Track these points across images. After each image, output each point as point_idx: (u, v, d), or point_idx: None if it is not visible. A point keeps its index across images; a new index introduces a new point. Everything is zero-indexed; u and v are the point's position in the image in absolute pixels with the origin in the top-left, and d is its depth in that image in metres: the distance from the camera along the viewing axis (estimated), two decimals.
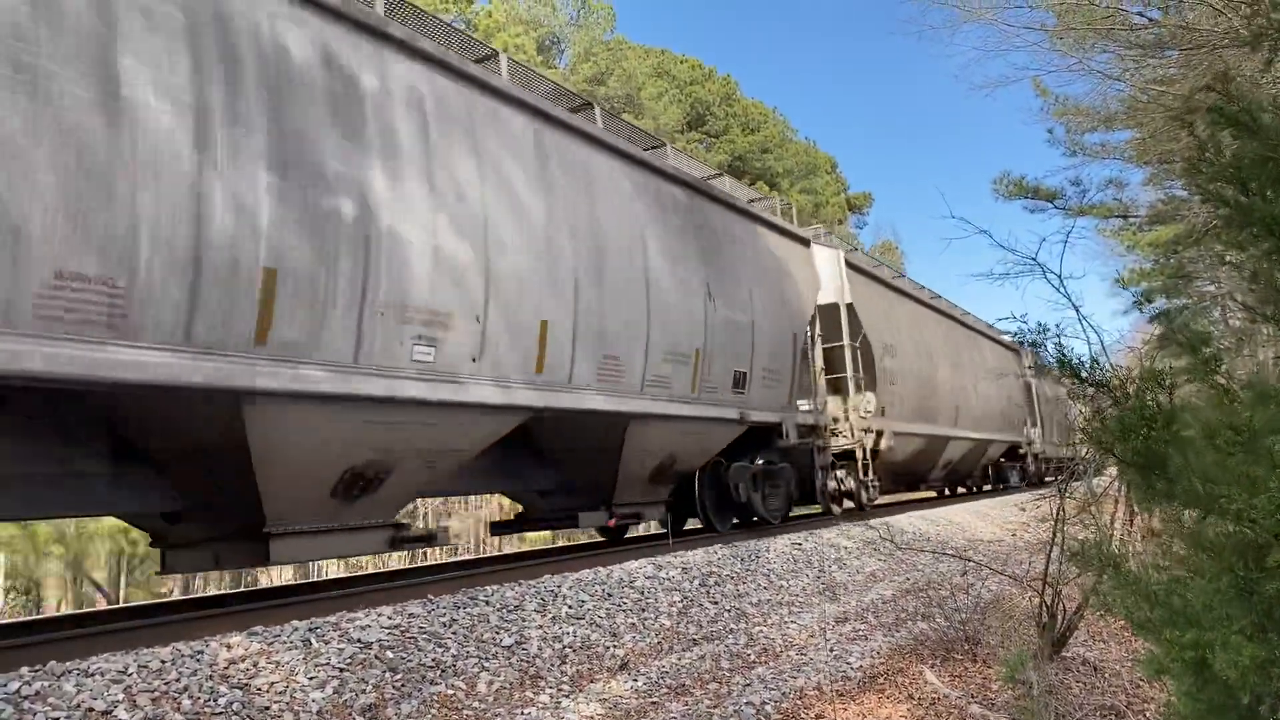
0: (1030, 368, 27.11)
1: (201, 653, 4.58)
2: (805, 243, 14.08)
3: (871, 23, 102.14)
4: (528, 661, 5.59)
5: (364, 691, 4.68)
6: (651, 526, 13.84)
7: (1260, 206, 2.69)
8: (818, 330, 13.79)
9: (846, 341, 14.84)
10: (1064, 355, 3.32)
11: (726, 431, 10.99)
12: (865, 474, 14.62)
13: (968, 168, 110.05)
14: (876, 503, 15.94)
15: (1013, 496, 21.20)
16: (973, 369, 21.73)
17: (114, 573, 27.01)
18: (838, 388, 14.81)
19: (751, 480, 11.71)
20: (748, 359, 11.26)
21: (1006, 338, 25.62)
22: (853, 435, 14.54)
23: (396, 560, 21.21)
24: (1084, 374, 2.98)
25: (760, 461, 12.13)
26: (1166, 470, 2.33)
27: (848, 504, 14.83)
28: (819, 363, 13.70)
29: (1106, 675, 6.72)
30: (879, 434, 15.09)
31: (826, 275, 14.68)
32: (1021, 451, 26.02)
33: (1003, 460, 25.44)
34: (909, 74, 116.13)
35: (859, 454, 14.50)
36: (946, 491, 24.00)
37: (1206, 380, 2.69)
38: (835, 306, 14.97)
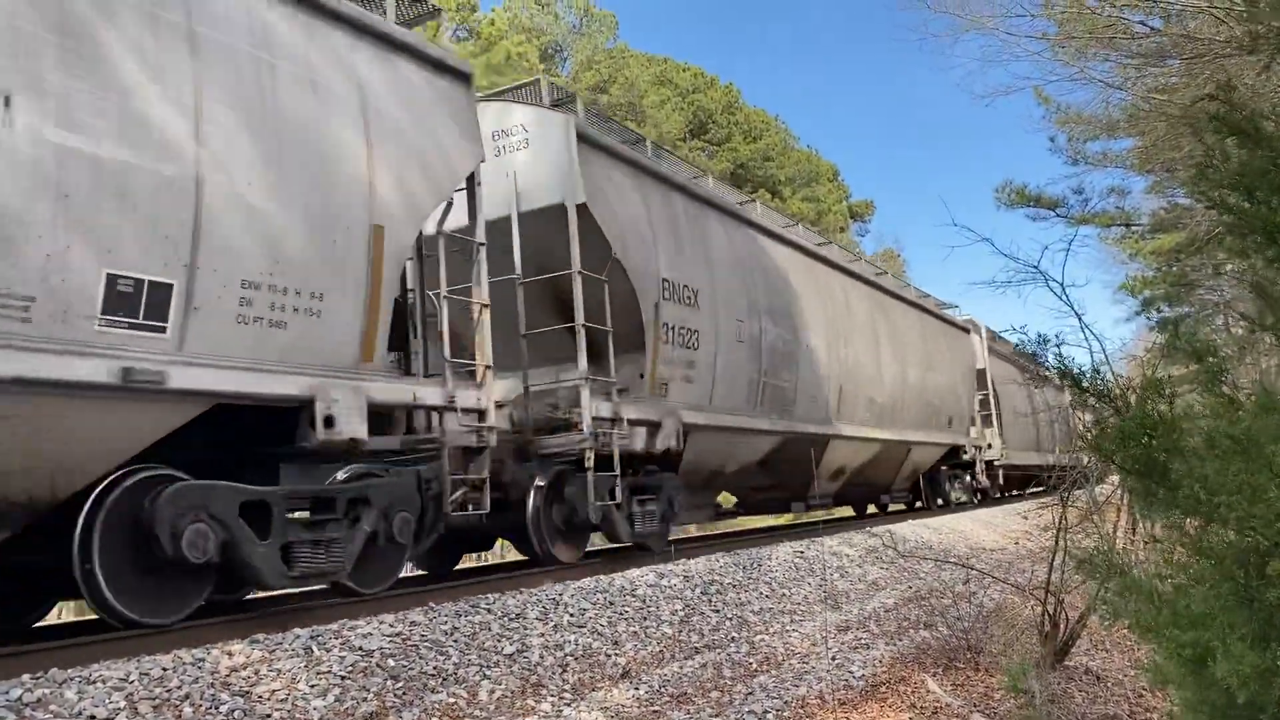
0: (1006, 355, 23.13)
1: (203, 660, 4.58)
2: (458, 76, 7.94)
3: (873, 31, 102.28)
4: (529, 669, 5.58)
5: (365, 699, 4.68)
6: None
7: (1264, 214, 2.71)
8: (479, 239, 7.93)
9: (576, 269, 9.00)
10: (1065, 363, 3.32)
11: (126, 419, 5.31)
12: (612, 495, 9.05)
13: (970, 176, 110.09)
14: (672, 536, 10.72)
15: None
16: (877, 343, 16.24)
17: None
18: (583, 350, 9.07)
19: (240, 515, 5.72)
20: (167, 249, 5.31)
21: (953, 314, 21.65)
22: (585, 429, 8.78)
23: None
24: (1085, 382, 2.98)
25: (341, 478, 6.57)
26: (1168, 478, 2.34)
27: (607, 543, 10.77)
28: (481, 296, 7.89)
29: (1109, 685, 6.71)
30: (653, 427, 9.69)
31: (537, 155, 9.30)
32: (967, 457, 20.61)
33: (943, 469, 20.02)
34: (911, 82, 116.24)
35: (589, 460, 8.77)
36: (871, 510, 19.01)
37: (1212, 389, 2.70)
38: (559, 210, 9.10)
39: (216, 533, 5.53)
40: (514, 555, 12.19)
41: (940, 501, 20.13)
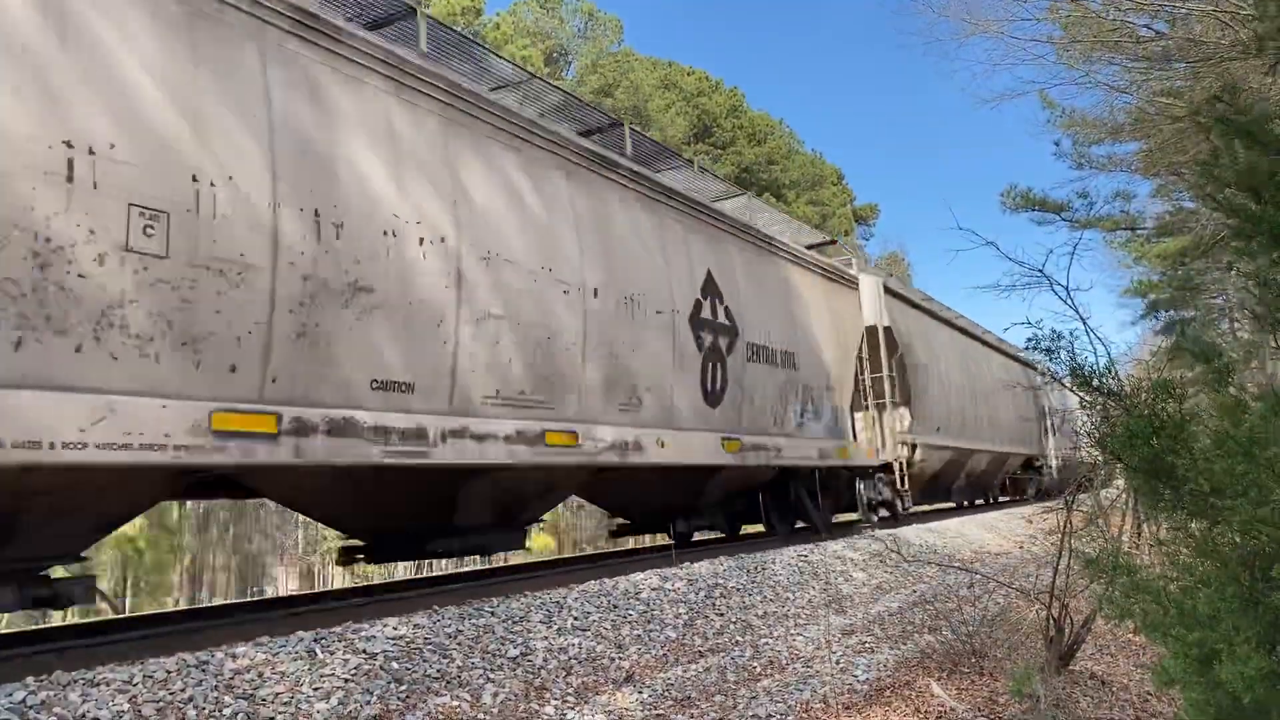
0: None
1: (207, 663, 4.58)
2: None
3: (879, 35, 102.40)
4: (533, 673, 5.58)
5: (369, 703, 4.67)
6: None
7: (1270, 216, 2.70)
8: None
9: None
10: (1078, 364, 3.32)
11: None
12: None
13: (975, 180, 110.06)
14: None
15: (1025, 509, 21.44)
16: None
17: (120, 583, 27.08)
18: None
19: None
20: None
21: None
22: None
23: (403, 571, 21.22)
24: (1095, 383, 2.98)
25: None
26: (1174, 477, 2.32)
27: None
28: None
29: (1114, 689, 6.68)
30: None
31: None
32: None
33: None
34: (917, 86, 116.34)
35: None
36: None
37: (1219, 391, 2.69)
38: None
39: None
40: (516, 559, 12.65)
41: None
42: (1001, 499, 26.11)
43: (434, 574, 13.81)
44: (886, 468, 14.96)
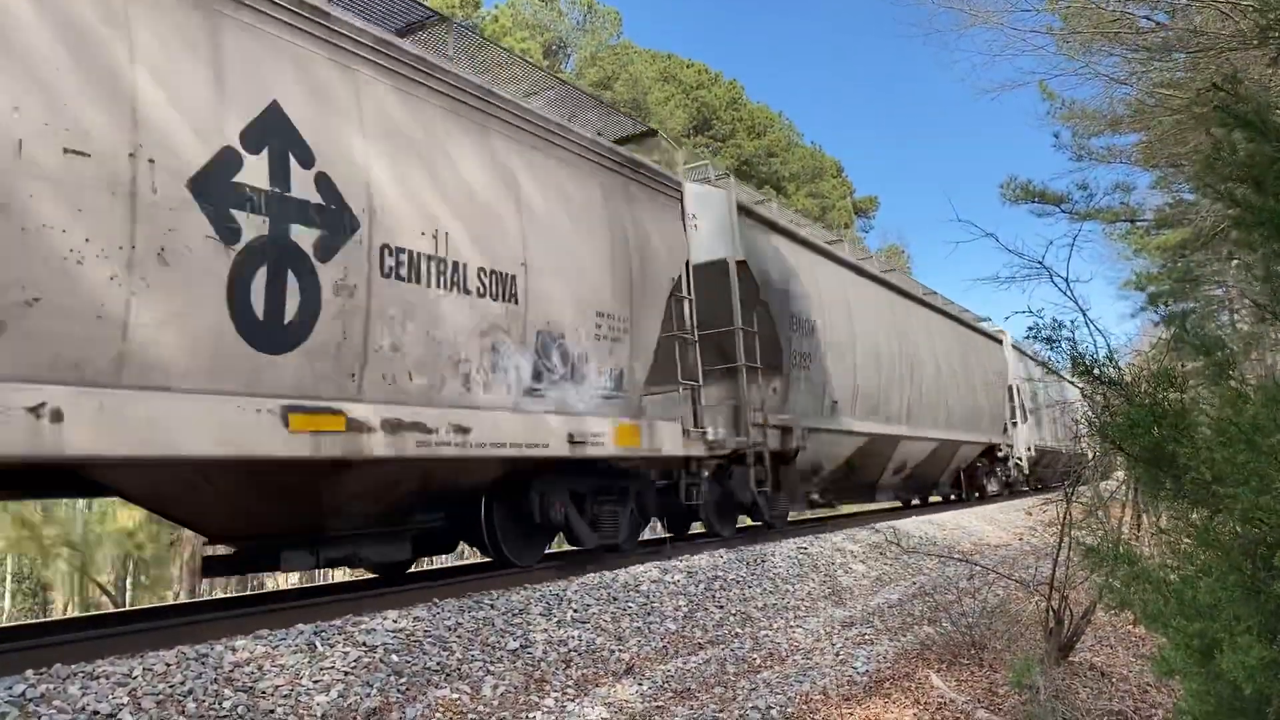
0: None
1: (207, 656, 4.57)
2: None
3: (879, 26, 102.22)
4: (533, 665, 5.58)
5: (369, 695, 4.67)
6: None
7: (1271, 206, 2.69)
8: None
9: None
10: (1079, 354, 3.32)
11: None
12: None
13: (975, 171, 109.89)
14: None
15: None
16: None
17: (120, 576, 27.11)
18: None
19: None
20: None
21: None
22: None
23: None
24: (1096, 372, 2.99)
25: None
26: (1175, 466, 2.32)
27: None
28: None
29: (1114, 680, 6.69)
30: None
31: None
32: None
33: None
34: (916, 78, 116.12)
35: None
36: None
37: (1219, 382, 2.68)
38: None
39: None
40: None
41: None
42: (956, 495, 21.77)
43: (433, 567, 13.81)
44: (740, 459, 10.80)
